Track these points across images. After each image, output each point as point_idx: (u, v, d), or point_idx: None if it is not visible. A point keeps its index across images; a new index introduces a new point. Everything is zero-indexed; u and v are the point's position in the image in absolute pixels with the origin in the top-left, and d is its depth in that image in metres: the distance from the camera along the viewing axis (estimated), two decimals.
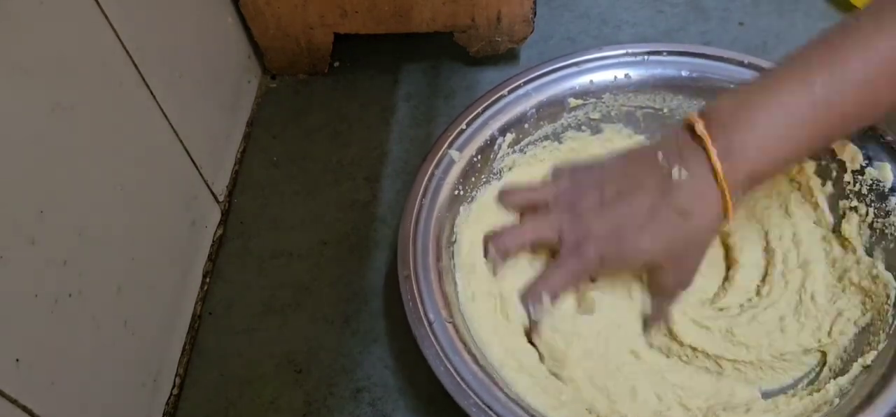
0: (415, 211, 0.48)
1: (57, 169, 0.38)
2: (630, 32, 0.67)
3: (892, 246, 0.46)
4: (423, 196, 0.49)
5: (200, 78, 0.56)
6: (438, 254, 0.47)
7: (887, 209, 0.46)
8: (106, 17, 0.43)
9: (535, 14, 0.61)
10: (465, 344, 0.43)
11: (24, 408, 0.34)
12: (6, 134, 0.34)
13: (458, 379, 0.41)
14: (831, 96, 0.40)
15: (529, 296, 0.46)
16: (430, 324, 0.43)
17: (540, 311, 0.46)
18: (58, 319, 0.37)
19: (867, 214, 0.47)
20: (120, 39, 0.44)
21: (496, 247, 0.48)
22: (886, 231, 0.46)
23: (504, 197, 0.51)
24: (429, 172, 0.50)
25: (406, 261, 0.46)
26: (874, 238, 0.47)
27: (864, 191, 0.47)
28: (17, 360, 0.34)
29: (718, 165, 0.41)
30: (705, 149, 0.42)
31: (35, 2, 0.37)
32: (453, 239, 0.49)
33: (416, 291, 0.44)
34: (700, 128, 0.43)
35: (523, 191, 0.51)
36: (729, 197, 0.42)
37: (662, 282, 0.46)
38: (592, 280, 0.48)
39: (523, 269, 0.49)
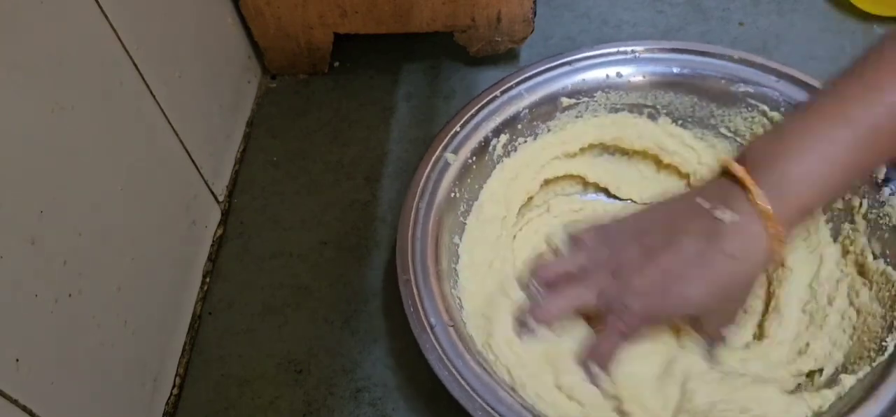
0: (412, 214, 0.48)
1: (57, 169, 0.38)
2: (630, 32, 0.67)
3: (886, 236, 0.46)
4: (420, 199, 0.49)
5: (200, 78, 0.56)
6: (437, 258, 0.47)
7: (881, 200, 0.47)
8: (106, 17, 0.43)
9: (535, 14, 0.61)
10: (467, 347, 0.43)
11: (24, 408, 0.34)
12: (6, 134, 0.34)
13: (463, 383, 0.41)
14: (869, 121, 0.40)
15: (584, 368, 0.45)
16: (432, 328, 0.43)
17: (596, 379, 0.44)
18: (58, 319, 0.37)
19: (861, 206, 0.48)
20: (120, 39, 0.44)
21: (537, 319, 0.45)
22: (881, 221, 0.47)
23: (535, 274, 0.47)
24: (425, 175, 0.50)
25: (405, 266, 0.46)
26: (869, 229, 0.47)
27: (858, 182, 0.48)
28: (17, 360, 0.34)
29: (765, 205, 0.40)
30: (747, 189, 0.41)
31: (35, 2, 0.37)
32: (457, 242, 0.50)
33: (416, 295, 0.44)
34: (737, 170, 0.42)
35: (554, 264, 0.48)
36: (781, 235, 0.41)
37: (707, 327, 0.45)
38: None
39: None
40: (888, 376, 0.40)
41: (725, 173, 0.43)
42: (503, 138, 0.53)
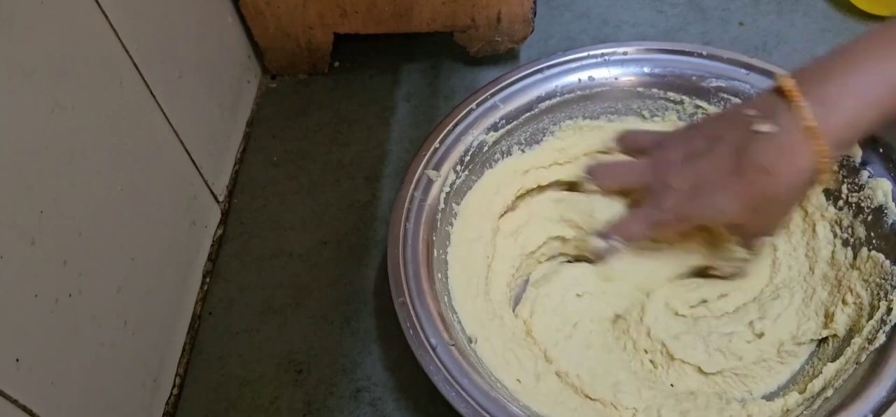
0: (400, 235, 0.47)
1: (57, 169, 0.38)
2: (630, 33, 0.67)
3: (870, 218, 0.47)
4: (407, 219, 0.48)
5: (200, 78, 0.56)
6: (430, 276, 0.47)
7: (860, 183, 0.47)
8: (106, 16, 0.43)
9: (535, 14, 0.61)
10: (470, 364, 0.43)
11: (24, 408, 0.34)
12: (6, 134, 0.34)
13: (472, 402, 0.41)
14: None
15: (605, 236, 0.49)
16: (434, 349, 0.43)
17: (610, 251, 0.49)
18: (58, 319, 0.37)
19: (841, 192, 0.48)
20: (120, 39, 0.44)
21: (622, 236, 0.49)
22: (862, 204, 0.47)
23: (623, 139, 0.52)
24: (409, 195, 0.49)
25: (400, 288, 0.45)
26: (852, 213, 0.48)
27: (835, 167, 0.48)
28: (17, 360, 0.34)
29: (809, 119, 0.40)
30: (795, 103, 0.41)
31: (35, 2, 0.37)
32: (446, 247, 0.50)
33: (414, 318, 0.44)
34: (787, 83, 0.42)
35: (612, 163, 0.52)
36: (824, 152, 0.41)
37: (744, 236, 0.46)
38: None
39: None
40: (884, 363, 0.40)
41: (777, 88, 0.43)
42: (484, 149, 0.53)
